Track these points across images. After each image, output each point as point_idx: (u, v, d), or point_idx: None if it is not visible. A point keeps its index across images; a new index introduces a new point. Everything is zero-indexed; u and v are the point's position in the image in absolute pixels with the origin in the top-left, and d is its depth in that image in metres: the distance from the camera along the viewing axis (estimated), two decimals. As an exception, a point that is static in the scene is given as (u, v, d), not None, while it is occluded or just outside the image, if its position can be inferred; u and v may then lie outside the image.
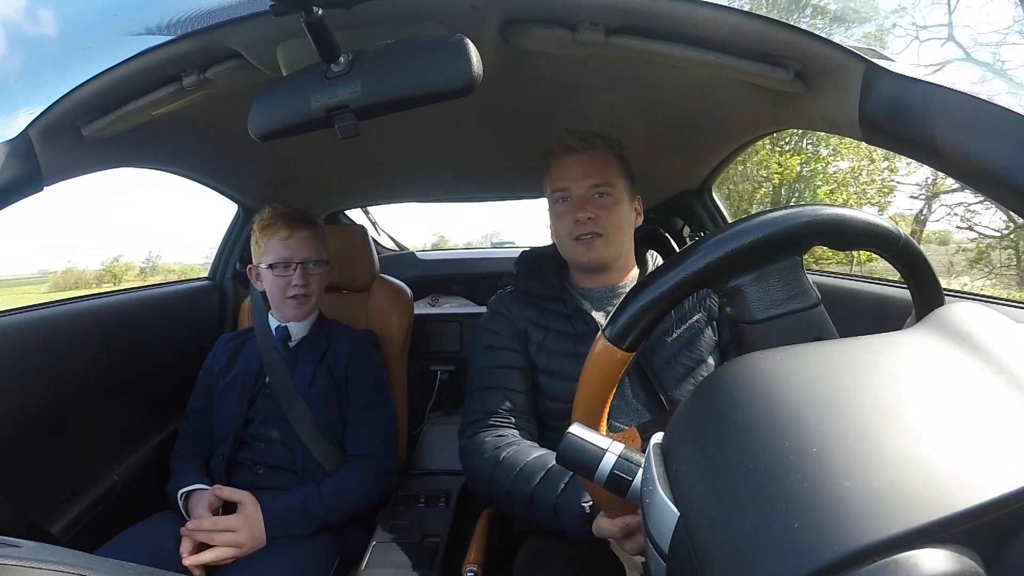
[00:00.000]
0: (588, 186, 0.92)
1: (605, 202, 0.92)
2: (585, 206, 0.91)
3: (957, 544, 0.24)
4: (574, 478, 0.74)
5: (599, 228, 0.91)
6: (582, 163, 0.92)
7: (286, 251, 1.07)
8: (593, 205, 0.91)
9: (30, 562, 0.31)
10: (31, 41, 10.44)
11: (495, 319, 0.99)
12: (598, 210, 0.91)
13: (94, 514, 1.04)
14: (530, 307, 0.97)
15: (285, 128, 0.59)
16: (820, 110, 0.73)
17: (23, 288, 32.76)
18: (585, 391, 0.48)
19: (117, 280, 31.69)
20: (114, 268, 33.31)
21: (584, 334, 0.91)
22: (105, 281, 31.02)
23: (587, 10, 0.65)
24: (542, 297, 0.97)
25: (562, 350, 0.92)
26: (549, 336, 0.94)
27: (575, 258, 0.95)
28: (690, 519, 0.31)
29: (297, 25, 0.51)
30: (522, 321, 0.96)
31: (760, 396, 0.32)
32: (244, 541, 0.89)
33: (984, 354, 0.32)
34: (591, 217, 0.90)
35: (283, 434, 1.05)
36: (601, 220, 0.91)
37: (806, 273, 0.43)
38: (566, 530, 0.73)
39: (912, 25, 7.69)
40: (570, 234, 0.92)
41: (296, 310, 1.10)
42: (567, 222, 0.93)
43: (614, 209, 0.92)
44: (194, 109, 0.79)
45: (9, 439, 0.90)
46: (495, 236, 17.16)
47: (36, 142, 0.74)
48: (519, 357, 0.94)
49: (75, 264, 36.73)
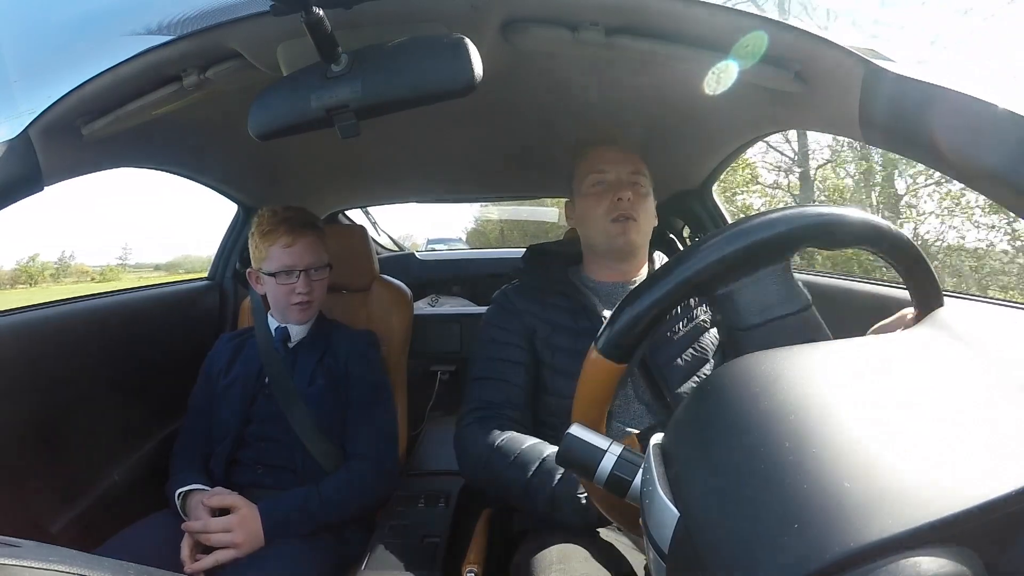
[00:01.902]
0: (628, 171, 0.95)
1: (640, 190, 0.95)
2: (624, 188, 0.93)
3: (957, 544, 0.24)
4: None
5: (635, 213, 0.93)
6: (619, 151, 0.97)
7: (290, 259, 1.06)
8: (633, 190, 0.94)
9: (30, 562, 0.31)
10: (31, 41, 10.56)
11: (499, 312, 0.99)
12: (635, 196, 0.93)
13: (94, 514, 1.04)
14: (536, 302, 0.97)
15: (285, 128, 0.59)
16: (820, 110, 0.73)
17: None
18: (582, 398, 0.49)
19: (34, 280, 31.13)
20: (30, 268, 32.60)
21: (587, 331, 0.92)
22: (21, 282, 30.44)
23: (587, 10, 0.65)
24: (547, 292, 0.97)
25: (565, 346, 0.92)
26: (554, 332, 0.94)
27: (610, 240, 0.95)
28: (690, 519, 0.31)
29: (297, 25, 0.51)
30: (527, 316, 0.96)
31: (760, 396, 0.32)
32: (240, 541, 0.88)
33: (984, 354, 0.32)
34: (631, 198, 0.92)
35: (283, 434, 1.04)
36: (636, 206, 0.93)
37: (794, 275, 0.42)
38: (563, 519, 0.74)
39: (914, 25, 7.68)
40: (607, 214, 0.93)
41: (300, 315, 1.10)
42: (605, 203, 0.94)
43: (647, 199, 0.96)
44: (194, 109, 0.79)
45: (9, 439, 0.90)
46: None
47: (36, 142, 0.74)
48: (521, 352, 0.94)
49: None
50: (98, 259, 50.75)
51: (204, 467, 1.06)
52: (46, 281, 31.77)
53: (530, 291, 0.99)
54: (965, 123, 0.51)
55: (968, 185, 0.55)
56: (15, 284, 31.32)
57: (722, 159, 1.38)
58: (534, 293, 0.98)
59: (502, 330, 0.96)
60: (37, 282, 31.89)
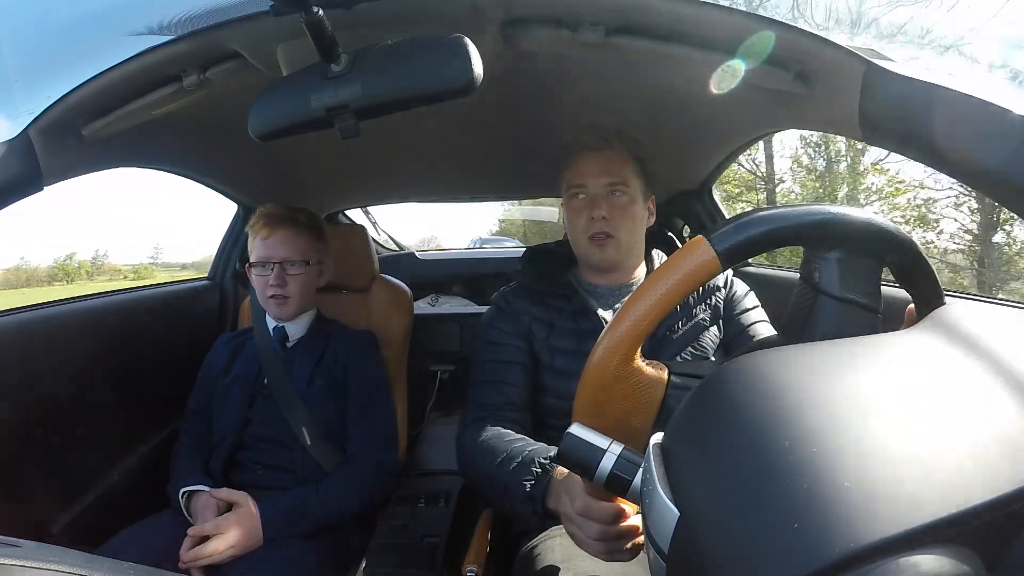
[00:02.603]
0: (604, 184, 0.93)
1: (620, 201, 0.92)
2: (600, 204, 0.92)
3: (958, 544, 0.24)
4: (545, 468, 0.74)
5: (611, 229, 0.92)
6: (600, 161, 0.94)
7: (265, 251, 1.07)
8: (608, 204, 0.92)
9: (30, 562, 0.31)
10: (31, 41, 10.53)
11: (498, 315, 0.99)
12: (612, 209, 0.92)
13: (94, 514, 1.04)
14: (535, 303, 0.97)
15: (285, 128, 0.59)
16: (820, 110, 0.73)
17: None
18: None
19: (70, 278, 31.46)
20: (67, 266, 33.22)
21: (588, 331, 0.92)
22: (58, 280, 30.98)
23: (587, 10, 0.65)
24: (547, 293, 0.97)
25: (566, 347, 0.92)
26: (553, 333, 0.94)
27: (587, 257, 0.96)
28: (690, 519, 0.31)
29: (297, 25, 0.51)
30: (526, 317, 0.96)
31: (760, 395, 0.32)
32: (234, 539, 0.88)
33: (984, 354, 0.32)
34: (605, 216, 0.91)
35: (282, 435, 1.05)
36: (614, 220, 0.92)
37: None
38: (515, 510, 0.73)
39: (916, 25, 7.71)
40: (585, 231, 0.93)
41: (276, 310, 1.10)
42: (583, 219, 0.93)
43: (628, 209, 0.93)
44: (194, 109, 0.79)
45: (9, 439, 0.90)
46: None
47: (36, 142, 0.74)
48: (520, 353, 0.94)
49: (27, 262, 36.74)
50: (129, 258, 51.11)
51: (205, 467, 1.06)
52: (81, 279, 32.53)
53: (528, 293, 0.99)
54: (966, 123, 0.50)
55: (968, 185, 0.55)
56: (52, 282, 31.77)
57: (722, 159, 1.38)
58: (532, 295, 0.98)
59: (500, 331, 0.96)
60: (73, 279, 32.42)
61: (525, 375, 0.93)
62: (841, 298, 0.42)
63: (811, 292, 0.43)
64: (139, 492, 1.13)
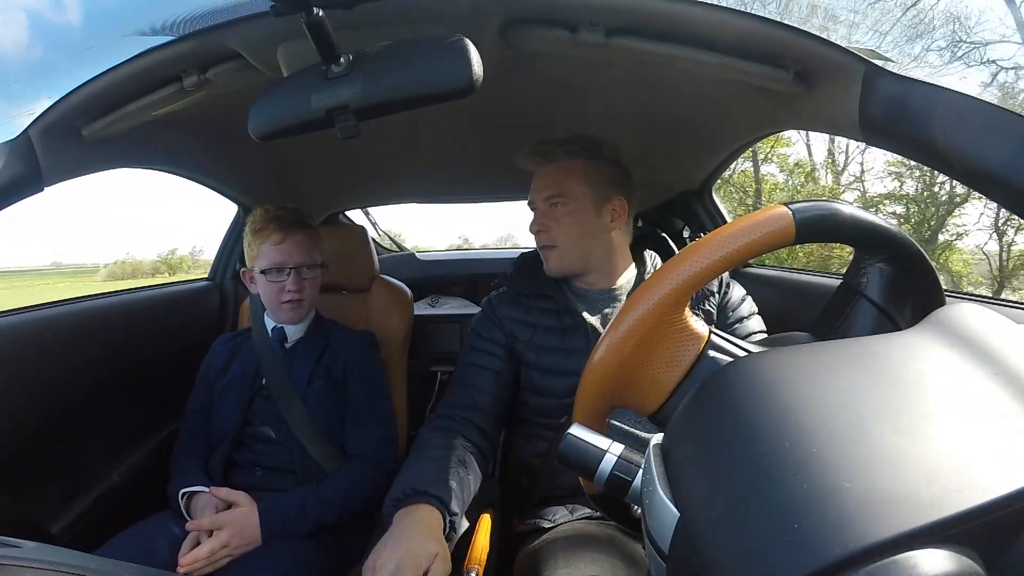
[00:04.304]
0: (543, 198, 0.95)
1: (557, 213, 0.93)
2: (538, 218, 0.95)
3: (958, 545, 0.24)
4: (416, 471, 0.78)
5: (550, 240, 0.94)
6: (539, 178, 0.97)
7: (279, 256, 1.06)
8: (546, 217, 0.94)
9: (30, 562, 0.31)
10: (31, 42, 10.47)
11: (482, 320, 1.00)
12: (550, 221, 0.94)
13: (94, 514, 1.04)
14: (518, 307, 0.98)
15: (285, 128, 0.59)
16: (820, 111, 0.73)
17: (78, 279, 34.81)
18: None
19: (172, 271, 34.53)
20: (170, 260, 36.67)
21: (572, 328, 0.92)
22: (161, 272, 33.55)
23: (587, 11, 0.65)
24: (531, 295, 0.98)
25: (551, 345, 0.93)
26: (537, 333, 0.94)
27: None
28: (690, 519, 0.31)
29: (297, 25, 0.51)
30: (508, 322, 0.97)
31: (760, 396, 0.32)
32: (229, 539, 0.87)
33: (984, 355, 0.32)
34: (541, 229, 0.95)
35: (281, 435, 1.04)
36: (552, 231, 0.93)
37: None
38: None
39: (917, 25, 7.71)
40: (537, 242, 0.97)
41: (291, 314, 1.10)
42: (535, 232, 0.97)
43: (565, 219, 0.93)
44: (194, 109, 0.79)
45: (9, 439, 0.90)
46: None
47: (36, 142, 0.74)
48: (495, 360, 0.95)
49: (132, 256, 40.59)
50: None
51: (205, 468, 1.06)
52: (183, 271, 35.93)
53: (513, 296, 1.00)
54: (965, 123, 0.51)
55: (968, 185, 0.55)
56: (155, 274, 35.13)
57: (722, 159, 1.38)
58: (518, 298, 0.99)
59: (480, 337, 0.98)
60: (175, 271, 35.60)
61: (496, 382, 0.94)
62: (880, 306, 0.44)
63: (853, 294, 0.45)
64: (139, 492, 1.13)
